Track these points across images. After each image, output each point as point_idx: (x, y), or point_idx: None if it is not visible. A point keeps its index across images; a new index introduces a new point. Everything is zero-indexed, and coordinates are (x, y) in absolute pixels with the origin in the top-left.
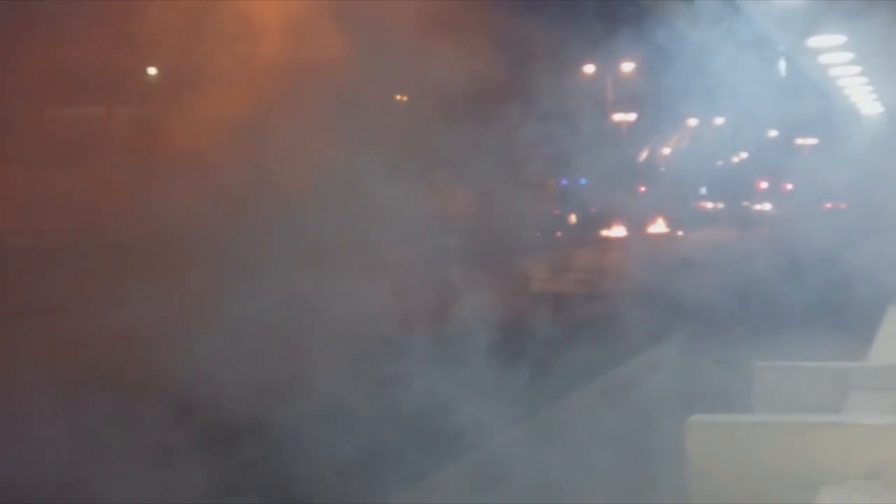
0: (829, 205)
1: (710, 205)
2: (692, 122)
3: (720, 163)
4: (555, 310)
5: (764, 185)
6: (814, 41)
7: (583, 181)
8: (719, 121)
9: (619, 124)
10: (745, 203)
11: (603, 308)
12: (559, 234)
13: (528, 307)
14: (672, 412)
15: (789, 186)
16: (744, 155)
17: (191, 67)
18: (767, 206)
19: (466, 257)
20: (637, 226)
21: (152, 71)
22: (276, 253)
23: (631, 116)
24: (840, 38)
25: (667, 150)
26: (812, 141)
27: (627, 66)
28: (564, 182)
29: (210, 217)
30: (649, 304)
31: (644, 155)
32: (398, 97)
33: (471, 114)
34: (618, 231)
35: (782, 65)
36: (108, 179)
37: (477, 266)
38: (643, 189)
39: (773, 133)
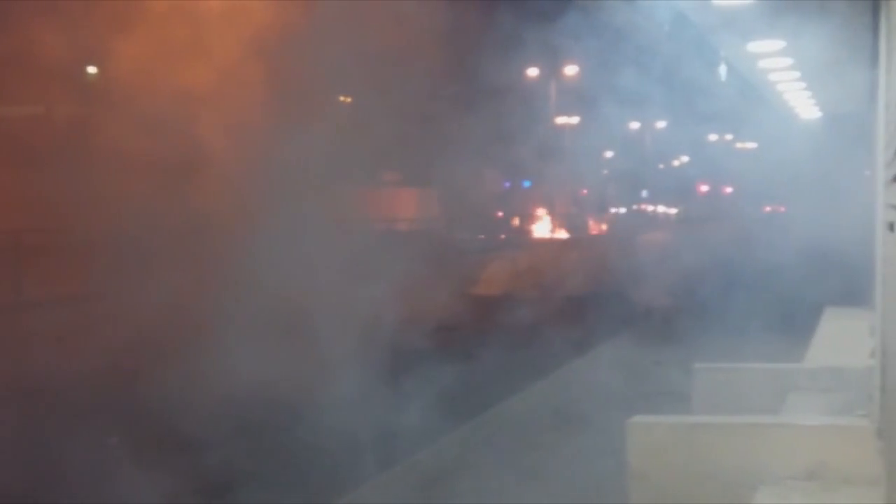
0: (768, 208)
1: (651, 207)
2: (634, 125)
3: (661, 166)
4: (494, 314)
5: (704, 188)
6: (753, 46)
7: (526, 184)
8: (661, 124)
9: (563, 127)
10: (683, 206)
11: (544, 311)
12: (503, 236)
13: (468, 311)
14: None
15: (729, 190)
16: (685, 158)
17: (133, 66)
18: (707, 210)
19: (408, 260)
20: (579, 228)
21: (92, 69)
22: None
23: (574, 120)
24: (779, 44)
25: (609, 153)
26: (752, 145)
27: (570, 70)
28: (507, 184)
29: (140, 217)
30: (590, 306)
31: (586, 158)
32: (342, 98)
33: (415, 117)
34: (560, 234)
35: (723, 69)
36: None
37: (418, 269)
38: (585, 192)
39: (713, 137)
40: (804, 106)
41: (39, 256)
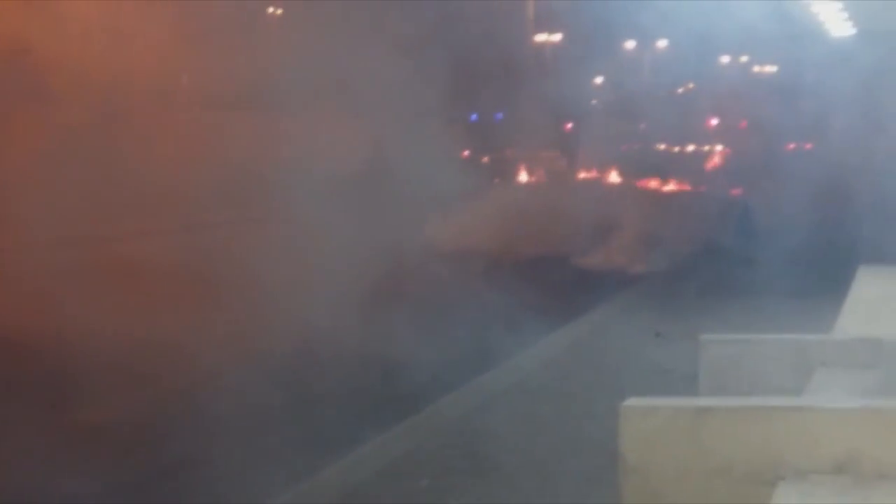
0: (791, 145)
1: (662, 146)
2: (629, 44)
3: (662, 94)
4: (446, 274)
5: (714, 121)
6: None
7: (497, 116)
8: (662, 43)
9: (542, 47)
10: (691, 146)
11: (515, 272)
12: (468, 180)
13: (404, 274)
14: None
15: (744, 124)
16: (691, 85)
17: None
18: (718, 147)
19: (342, 213)
20: (561, 171)
21: None
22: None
23: (556, 37)
24: None
25: (599, 80)
26: (772, 69)
27: None
28: (474, 117)
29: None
30: (566, 272)
31: (572, 84)
32: (270, 9)
33: (360, 34)
34: (538, 177)
35: None
36: None
37: (358, 226)
38: (570, 126)
39: (725, 59)
40: (835, 21)
41: None
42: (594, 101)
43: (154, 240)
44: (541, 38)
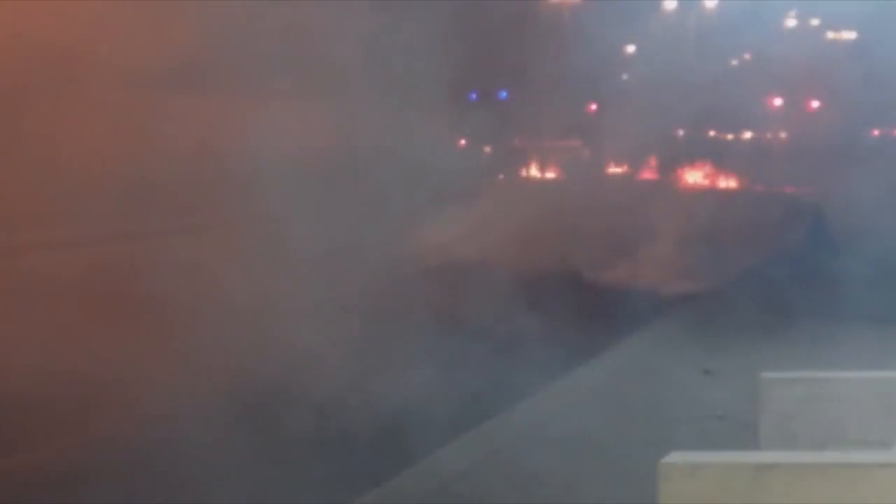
0: (876, 131)
1: (712, 133)
2: (670, 3)
3: (711, 67)
4: (438, 294)
5: (778, 101)
6: None
7: (502, 95)
8: (711, 3)
9: (558, 9)
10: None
11: (527, 291)
12: (464, 176)
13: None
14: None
15: (816, 105)
16: (747, 56)
17: None
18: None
19: (303, 220)
20: (584, 165)
21: None
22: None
23: None
24: None
25: (631, 49)
26: (850, 35)
27: None
28: (473, 96)
29: None
30: (592, 291)
31: (597, 55)
32: None
33: None
34: (555, 172)
35: None
36: None
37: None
38: (594, 108)
39: (791, 22)
40: None
41: None
42: (625, 77)
43: (63, 252)
44: None
